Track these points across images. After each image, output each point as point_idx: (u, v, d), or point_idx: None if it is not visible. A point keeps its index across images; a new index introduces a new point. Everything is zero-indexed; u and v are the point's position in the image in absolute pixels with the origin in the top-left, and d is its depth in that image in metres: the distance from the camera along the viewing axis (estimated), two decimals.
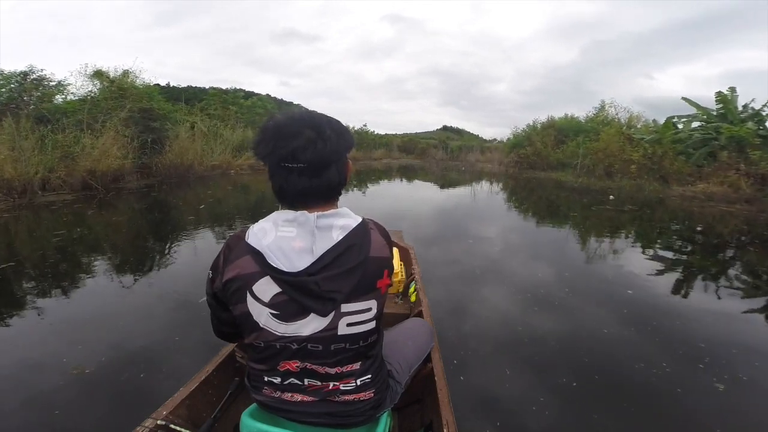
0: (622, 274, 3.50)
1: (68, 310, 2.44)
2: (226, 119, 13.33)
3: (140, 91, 9.27)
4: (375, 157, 22.36)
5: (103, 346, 1.99)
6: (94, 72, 9.10)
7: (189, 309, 2.45)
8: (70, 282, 2.89)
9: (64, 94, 8.85)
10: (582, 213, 6.91)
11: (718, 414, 1.67)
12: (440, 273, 3.34)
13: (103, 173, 6.61)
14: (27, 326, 2.22)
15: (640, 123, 14.34)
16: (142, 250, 3.88)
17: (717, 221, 6.44)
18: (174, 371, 1.78)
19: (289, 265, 0.70)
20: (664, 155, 10.58)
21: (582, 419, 1.59)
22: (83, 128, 7.45)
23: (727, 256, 4.53)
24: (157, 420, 0.97)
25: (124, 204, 6.05)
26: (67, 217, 4.98)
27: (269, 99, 26.15)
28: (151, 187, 7.56)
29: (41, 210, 5.30)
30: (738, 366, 2.03)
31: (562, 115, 17.81)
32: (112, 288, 2.80)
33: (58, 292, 2.69)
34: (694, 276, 3.74)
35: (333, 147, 0.73)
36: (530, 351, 2.10)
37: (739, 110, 11.43)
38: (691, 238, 5.24)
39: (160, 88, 17.97)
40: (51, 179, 6.19)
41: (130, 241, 4.12)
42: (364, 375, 0.81)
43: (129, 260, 3.49)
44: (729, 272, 3.86)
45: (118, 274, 3.06)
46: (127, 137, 7.98)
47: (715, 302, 2.97)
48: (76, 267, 3.26)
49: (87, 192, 6.45)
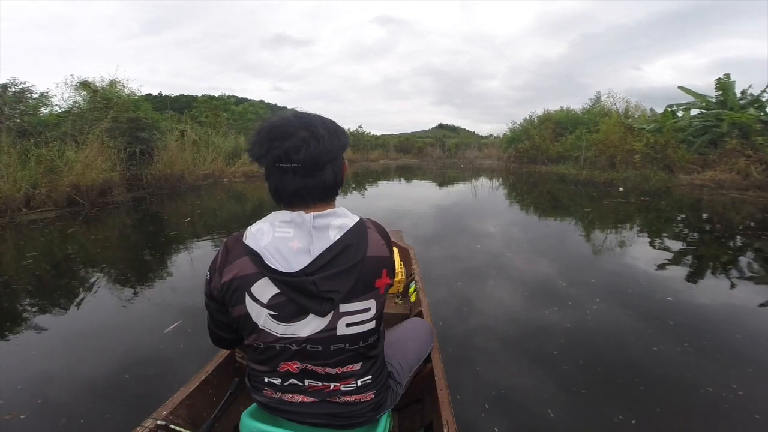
0: (659, 277, 3.18)
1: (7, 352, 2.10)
2: (217, 126, 13.03)
3: (126, 101, 8.96)
4: (372, 159, 22.10)
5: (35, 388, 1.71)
6: (79, 83, 8.83)
7: (149, 344, 2.12)
8: (15, 321, 2.47)
9: (48, 106, 8.57)
10: (595, 207, 6.61)
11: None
12: (444, 273, 3.10)
13: (88, 188, 6.29)
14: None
15: (639, 113, 14.13)
16: (114, 274, 3.42)
17: (734, 209, 6.17)
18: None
19: (286, 265, 0.70)
20: (666, 144, 10.35)
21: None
22: (67, 141, 7.17)
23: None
24: (157, 420, 0.97)
25: (109, 220, 5.70)
26: (45, 236, 4.66)
27: (262, 104, 25.90)
28: (140, 200, 7.25)
29: (22, 229, 4.99)
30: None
31: (557, 108, 17.67)
32: (71, 326, 2.41)
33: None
34: (747, 278, 3.21)
35: (326, 146, 0.72)
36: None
37: (738, 97, 11.27)
38: (728, 233, 4.92)
39: (152, 97, 17.87)
40: (35, 195, 5.90)
41: (103, 263, 3.72)
42: (365, 376, 0.81)
43: (97, 287, 3.06)
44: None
45: (81, 306, 2.64)
46: (114, 148, 7.72)
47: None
48: (37, 296, 2.91)
49: (72, 208, 6.13)
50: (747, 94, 11.30)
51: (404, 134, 36.58)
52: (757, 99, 10.84)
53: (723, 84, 11.18)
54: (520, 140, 17.00)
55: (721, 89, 11.23)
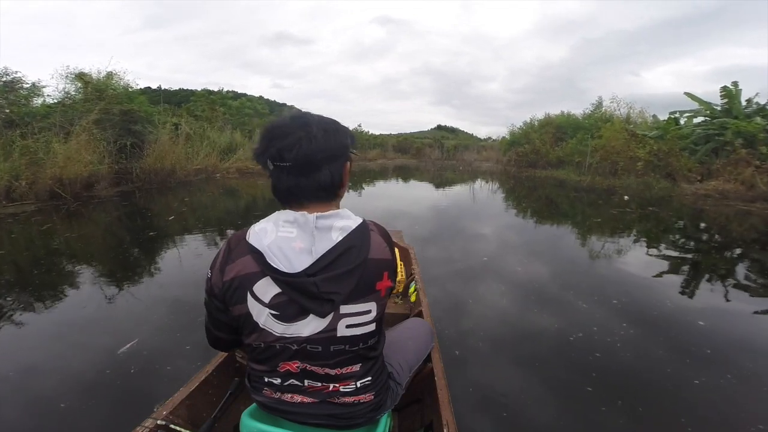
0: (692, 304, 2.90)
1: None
2: (213, 120, 12.75)
3: (118, 93, 8.68)
4: (370, 158, 21.82)
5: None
6: (76, 74, 8.55)
7: (96, 367, 1.86)
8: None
9: (41, 96, 8.29)
10: (604, 217, 6.30)
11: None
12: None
13: (71, 181, 6.00)
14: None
15: (641, 119, 13.96)
16: (77, 281, 3.03)
17: (747, 224, 5.94)
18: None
19: (288, 265, 0.70)
20: (670, 152, 10.18)
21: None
22: (57, 132, 6.93)
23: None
24: (157, 420, 0.96)
25: (91, 216, 5.42)
26: (18, 232, 4.39)
27: (261, 100, 25.60)
28: (127, 194, 6.99)
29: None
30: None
31: (557, 112, 17.52)
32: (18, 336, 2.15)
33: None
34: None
35: (319, 146, 0.73)
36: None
37: (743, 105, 11.12)
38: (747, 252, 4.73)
39: (150, 90, 17.52)
40: (15, 188, 5.63)
41: (68, 266, 3.42)
42: (365, 377, 0.81)
43: (53, 292, 2.79)
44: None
45: (25, 322, 2.31)
46: (104, 141, 7.48)
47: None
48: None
49: (54, 202, 5.86)
50: (753, 102, 11.17)
51: (403, 134, 36.26)
52: (763, 108, 10.70)
53: (728, 92, 11.03)
54: (520, 143, 16.82)
55: (726, 97, 11.07)
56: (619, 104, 14.16)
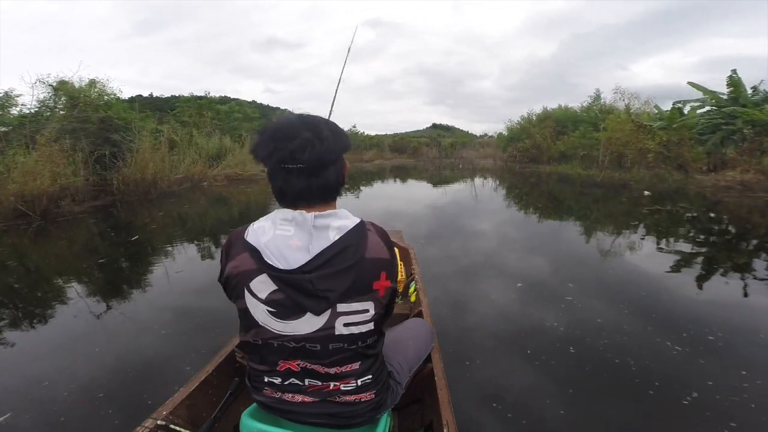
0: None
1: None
2: (201, 126, 12.16)
3: (92, 99, 8.10)
4: (366, 159, 21.28)
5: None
6: (57, 82, 7.97)
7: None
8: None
9: (15, 106, 7.69)
10: (643, 219, 5.39)
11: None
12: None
13: (35, 197, 5.41)
14: None
15: (644, 110, 13.50)
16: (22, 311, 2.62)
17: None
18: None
19: (284, 262, 0.70)
20: (680, 142, 9.71)
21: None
22: (27, 144, 6.39)
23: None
24: (157, 420, 0.96)
25: (56, 235, 4.82)
26: None
27: (252, 104, 25.00)
28: (103, 209, 6.41)
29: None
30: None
31: (554, 106, 17.13)
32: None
33: None
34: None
35: (330, 147, 0.73)
36: None
37: (749, 93, 10.70)
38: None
39: (142, 98, 16.85)
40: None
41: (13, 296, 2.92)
42: (365, 375, 0.80)
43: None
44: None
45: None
46: (79, 151, 6.93)
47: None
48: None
49: (20, 221, 5.26)
50: (760, 90, 10.76)
51: (398, 134, 35.76)
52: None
53: (734, 80, 10.60)
54: (520, 139, 16.38)
55: (732, 85, 10.64)
56: (623, 95, 13.65)
